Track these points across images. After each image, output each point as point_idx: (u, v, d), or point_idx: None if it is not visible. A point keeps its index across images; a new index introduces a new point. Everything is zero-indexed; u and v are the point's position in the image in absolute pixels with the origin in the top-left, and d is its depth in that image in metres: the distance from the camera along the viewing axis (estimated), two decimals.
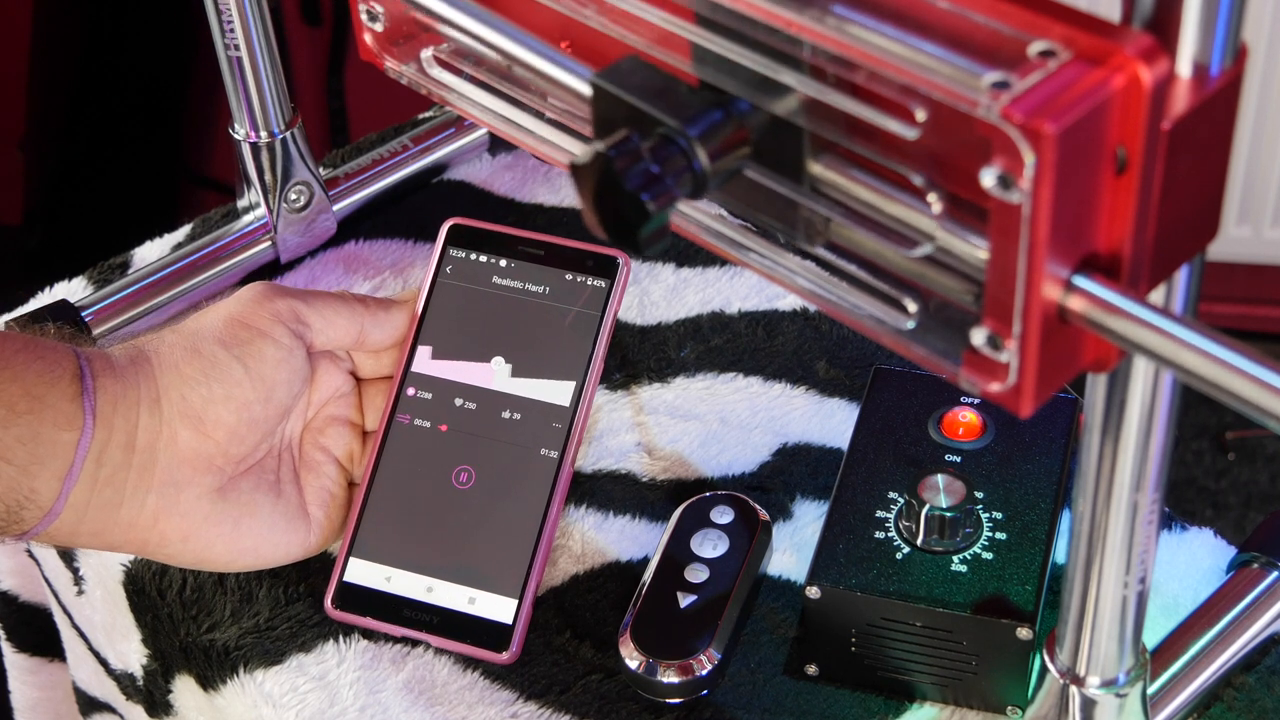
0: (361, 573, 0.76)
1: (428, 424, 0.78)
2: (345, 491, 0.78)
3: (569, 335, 0.79)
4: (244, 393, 0.71)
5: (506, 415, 0.78)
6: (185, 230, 1.00)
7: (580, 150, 0.51)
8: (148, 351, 0.71)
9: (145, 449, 0.69)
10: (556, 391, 0.78)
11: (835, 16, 0.48)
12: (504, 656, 0.74)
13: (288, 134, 0.92)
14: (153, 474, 0.69)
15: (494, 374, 0.79)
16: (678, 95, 0.51)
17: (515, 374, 0.79)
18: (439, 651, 0.75)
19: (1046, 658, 0.64)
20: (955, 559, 0.69)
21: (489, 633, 0.74)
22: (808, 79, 0.49)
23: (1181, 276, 0.50)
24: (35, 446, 0.66)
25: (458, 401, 0.79)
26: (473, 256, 0.81)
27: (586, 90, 0.53)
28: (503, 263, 0.81)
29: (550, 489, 0.76)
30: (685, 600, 0.73)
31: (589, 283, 0.80)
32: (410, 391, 0.79)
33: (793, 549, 0.78)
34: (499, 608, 0.74)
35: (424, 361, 0.79)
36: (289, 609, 0.77)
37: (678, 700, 0.71)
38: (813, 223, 0.52)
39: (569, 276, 0.80)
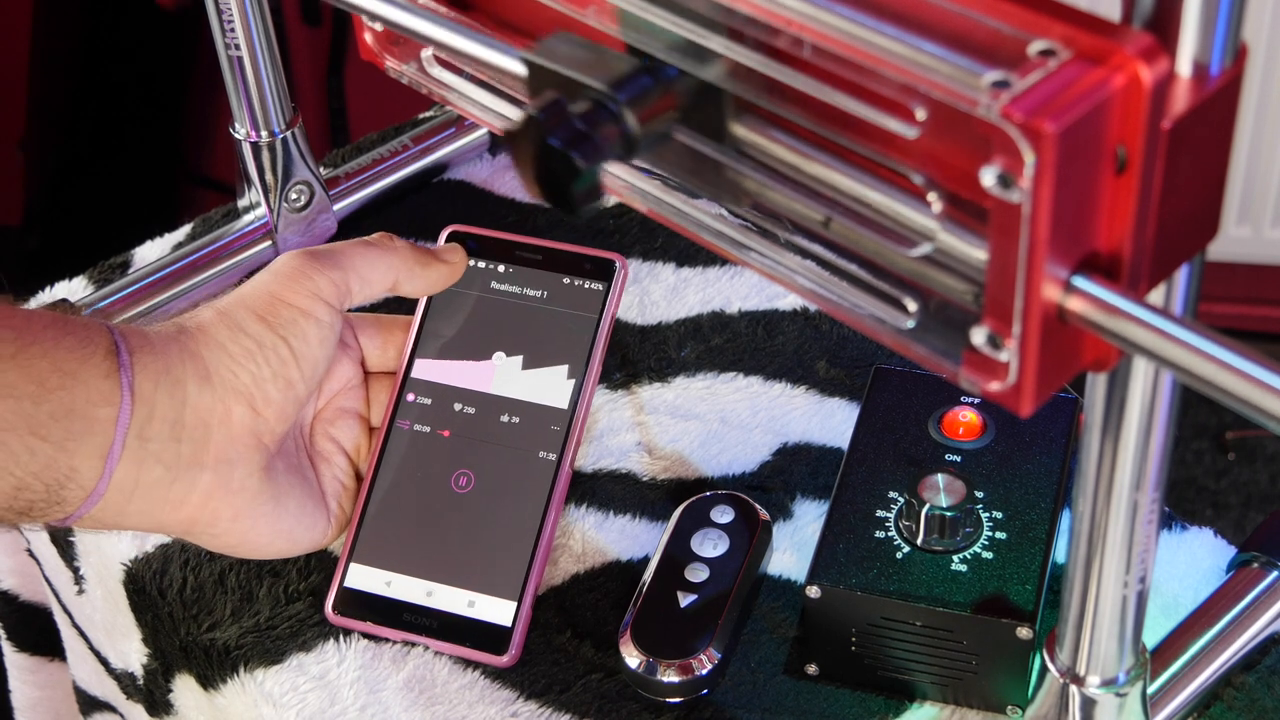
0: (362, 578, 0.76)
1: (427, 429, 0.78)
2: (354, 483, 0.78)
3: (567, 339, 0.79)
4: (290, 372, 0.71)
5: (505, 419, 0.78)
6: (185, 230, 1.00)
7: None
8: (190, 328, 0.70)
9: (198, 425, 0.68)
10: (555, 395, 0.78)
11: (836, 15, 0.48)
12: (503, 659, 0.74)
13: (288, 134, 0.92)
14: (207, 450, 0.69)
15: (493, 378, 0.79)
16: (607, 63, 0.52)
17: (514, 378, 0.79)
18: (436, 650, 0.75)
19: (1046, 657, 0.64)
20: (955, 558, 0.69)
21: (488, 635, 0.74)
22: (730, 43, 0.51)
23: (1181, 276, 0.50)
24: (70, 423, 0.65)
25: (457, 406, 0.79)
26: (471, 262, 0.81)
27: (522, 70, 0.54)
28: (501, 268, 0.81)
29: (549, 492, 0.76)
30: (685, 600, 0.73)
31: (587, 286, 0.80)
32: (410, 397, 0.79)
33: (793, 549, 0.78)
34: (498, 610, 0.75)
35: (423, 367, 0.79)
36: (289, 608, 0.77)
37: (678, 700, 0.71)
38: (738, 185, 0.54)
39: (566, 280, 0.80)
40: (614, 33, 0.55)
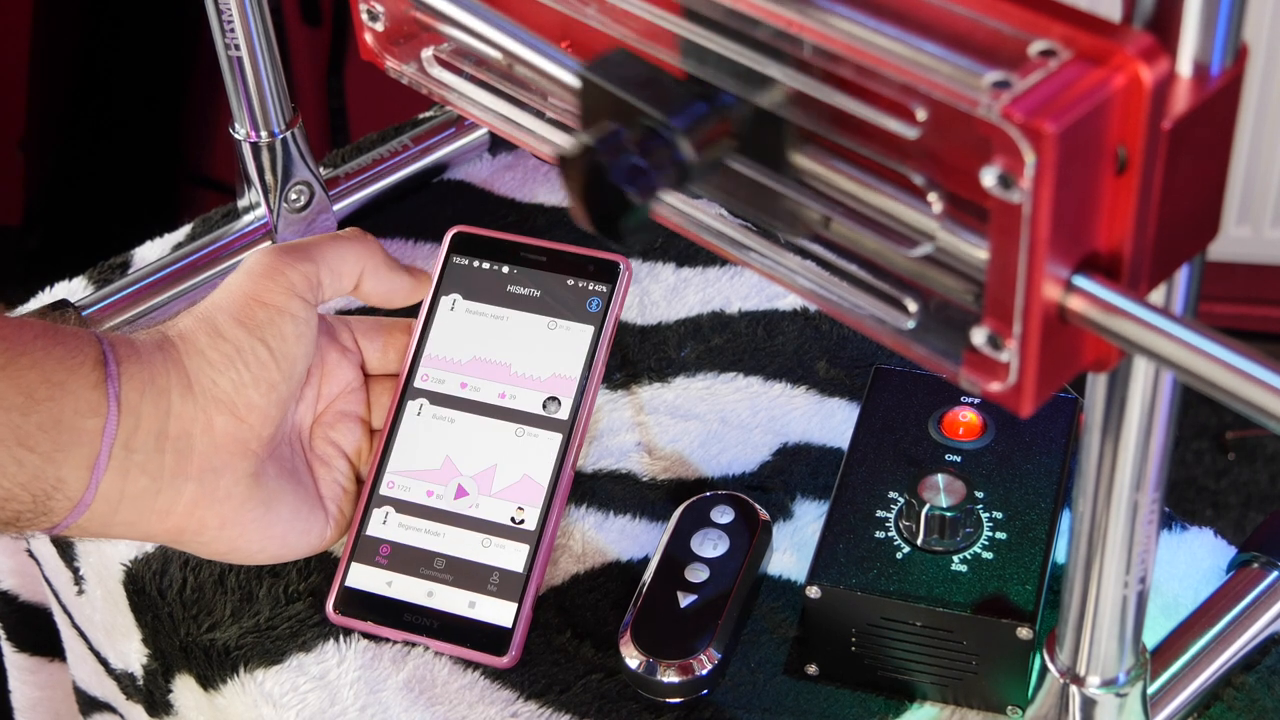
0: (363, 578, 0.76)
1: (430, 429, 0.78)
2: (355, 487, 0.78)
3: (571, 340, 0.79)
4: (270, 374, 0.71)
5: (508, 421, 0.78)
6: (185, 230, 1.00)
7: (567, 143, 0.51)
8: (171, 336, 0.70)
9: (181, 435, 0.68)
10: (558, 396, 0.78)
11: (836, 16, 0.48)
12: (503, 660, 0.74)
13: (288, 134, 0.92)
14: (191, 460, 0.69)
15: (496, 379, 0.79)
16: (663, 88, 0.51)
17: (517, 379, 0.79)
18: (436, 650, 0.75)
19: (1046, 657, 0.64)
20: (955, 559, 0.69)
21: (489, 637, 0.74)
22: (791, 71, 0.50)
23: (1181, 276, 0.50)
24: (58, 434, 0.65)
25: (460, 407, 0.79)
26: (476, 263, 0.81)
27: (575, 83, 0.54)
28: (505, 269, 0.81)
29: (551, 493, 0.76)
30: (685, 600, 0.73)
31: (591, 287, 0.80)
32: (413, 397, 0.79)
33: (793, 549, 0.78)
34: (499, 612, 0.75)
35: (427, 367, 0.79)
36: (289, 608, 0.77)
37: (678, 700, 0.71)
38: (796, 214, 0.53)
39: (570, 282, 0.80)
40: (616, 33, 0.55)
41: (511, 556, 0.76)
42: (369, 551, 0.77)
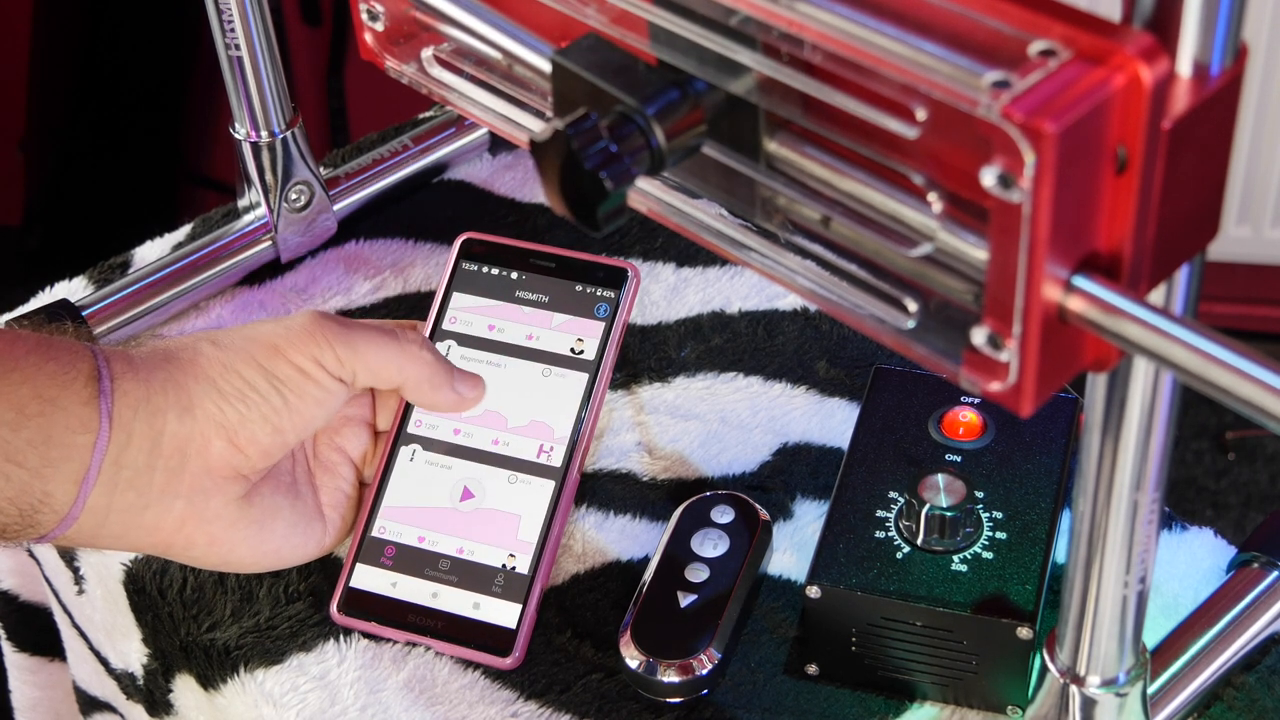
0: (368, 579, 0.76)
1: (436, 431, 0.78)
2: (358, 491, 0.78)
3: (578, 345, 0.79)
4: (281, 420, 0.70)
5: (514, 423, 0.78)
6: (185, 230, 1.00)
7: (540, 128, 0.51)
8: (182, 359, 0.69)
9: (174, 453, 0.68)
10: (565, 399, 0.78)
11: (836, 15, 0.48)
12: (507, 661, 0.74)
13: (288, 133, 0.92)
14: (182, 479, 0.68)
15: (503, 382, 0.79)
16: (636, 74, 0.52)
17: (524, 383, 0.79)
18: (439, 651, 0.75)
19: (1046, 657, 0.64)
20: (955, 558, 0.69)
21: (492, 637, 0.74)
22: (763, 58, 0.50)
23: (1181, 276, 0.50)
24: (47, 450, 0.65)
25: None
26: (485, 269, 0.82)
27: (546, 66, 0.54)
28: (514, 275, 0.81)
29: (556, 495, 0.76)
30: (685, 600, 0.73)
31: (599, 293, 0.80)
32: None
33: (793, 549, 0.78)
34: (503, 613, 0.75)
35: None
36: (289, 608, 0.77)
37: (678, 700, 0.71)
38: (770, 201, 0.53)
39: (579, 288, 0.81)
40: (617, 33, 0.55)
41: (517, 558, 0.76)
42: (374, 553, 0.77)
